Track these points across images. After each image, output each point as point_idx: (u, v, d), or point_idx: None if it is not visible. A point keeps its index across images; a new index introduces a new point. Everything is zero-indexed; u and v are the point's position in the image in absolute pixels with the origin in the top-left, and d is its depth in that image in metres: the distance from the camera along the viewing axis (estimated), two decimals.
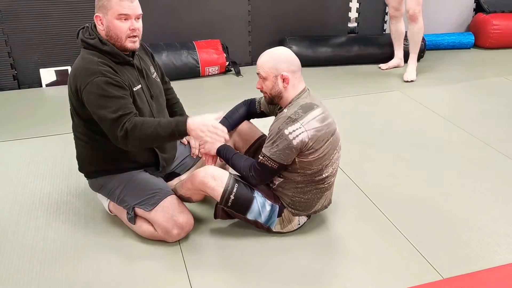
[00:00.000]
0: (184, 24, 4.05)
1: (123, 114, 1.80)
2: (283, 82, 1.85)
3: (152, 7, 3.90)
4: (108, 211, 2.15)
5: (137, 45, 1.92)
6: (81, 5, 3.70)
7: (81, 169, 2.13)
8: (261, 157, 1.86)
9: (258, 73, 1.90)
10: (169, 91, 2.29)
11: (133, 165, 2.03)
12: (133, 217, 1.99)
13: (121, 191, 2.01)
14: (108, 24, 1.85)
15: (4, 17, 3.55)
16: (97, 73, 1.80)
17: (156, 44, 3.90)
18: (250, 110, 2.20)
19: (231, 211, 1.94)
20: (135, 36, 1.88)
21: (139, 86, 1.96)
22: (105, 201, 2.15)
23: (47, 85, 3.80)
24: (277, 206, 1.95)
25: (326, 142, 1.84)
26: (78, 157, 2.12)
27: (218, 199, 1.92)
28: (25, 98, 3.61)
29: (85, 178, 2.14)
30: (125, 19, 1.84)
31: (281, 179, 1.93)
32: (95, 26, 1.91)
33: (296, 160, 1.84)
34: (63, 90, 3.72)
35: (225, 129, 1.86)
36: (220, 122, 2.17)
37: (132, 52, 1.95)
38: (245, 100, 2.23)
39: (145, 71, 2.02)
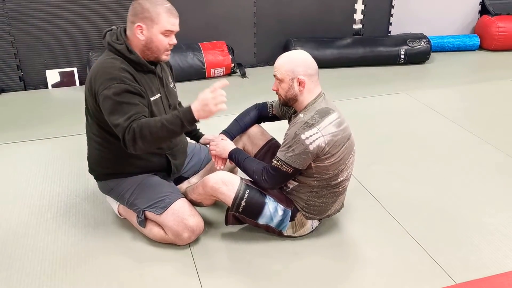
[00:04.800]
0: (190, 26, 4.04)
1: (134, 120, 1.77)
2: (299, 85, 1.84)
3: None
4: (118, 214, 2.15)
5: (169, 57, 1.96)
6: (88, 7, 3.70)
7: (91, 170, 2.13)
8: (276, 161, 1.85)
9: (274, 75, 1.89)
10: None
11: (144, 169, 2.03)
12: (143, 221, 1.99)
13: (131, 195, 2.01)
14: (151, 37, 1.85)
15: (11, 19, 3.55)
16: (117, 79, 1.79)
17: None
18: (261, 113, 2.19)
19: (242, 217, 1.94)
20: (170, 50, 1.93)
21: (158, 95, 1.97)
22: (114, 204, 2.15)
23: (52, 86, 3.80)
24: (290, 211, 1.94)
25: (342, 147, 1.84)
26: (89, 158, 2.11)
27: (230, 204, 1.91)
28: (32, 99, 3.61)
29: (94, 180, 2.13)
30: (168, 35, 1.87)
31: (296, 183, 1.92)
32: (124, 31, 1.91)
33: (313, 165, 1.83)
34: (69, 91, 3.75)
35: (224, 92, 1.77)
36: (231, 124, 2.17)
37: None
38: (256, 104, 2.22)
39: (164, 80, 2.03)
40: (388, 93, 3.71)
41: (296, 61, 1.85)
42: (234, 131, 2.15)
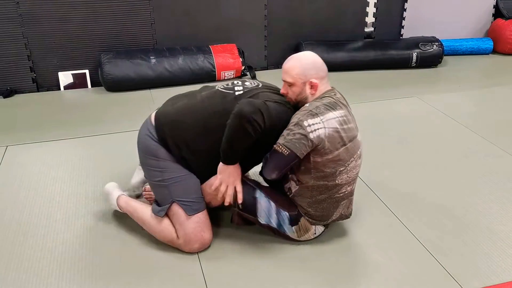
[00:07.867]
0: (201, 28, 4.06)
1: (261, 114, 1.73)
2: (311, 88, 1.84)
3: (169, 11, 3.92)
4: (117, 206, 2.13)
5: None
6: (100, 10, 3.73)
7: (166, 131, 1.95)
8: (274, 146, 1.80)
9: (284, 79, 1.88)
10: None
11: (198, 172, 2.00)
12: (165, 210, 1.94)
13: (172, 177, 1.94)
14: None
15: (24, 21, 3.60)
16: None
17: (172, 48, 3.92)
18: None
19: (245, 214, 1.93)
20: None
21: None
22: (115, 192, 2.13)
23: (65, 88, 3.84)
24: (286, 213, 1.92)
25: (342, 147, 1.79)
26: (176, 123, 1.95)
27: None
28: (44, 100, 3.65)
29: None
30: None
31: (297, 187, 1.91)
32: None
33: (311, 159, 1.80)
34: (81, 93, 3.79)
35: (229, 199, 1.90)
36: None
37: None
38: None
39: None
40: (399, 97, 3.68)
41: (307, 64, 1.84)
42: None
